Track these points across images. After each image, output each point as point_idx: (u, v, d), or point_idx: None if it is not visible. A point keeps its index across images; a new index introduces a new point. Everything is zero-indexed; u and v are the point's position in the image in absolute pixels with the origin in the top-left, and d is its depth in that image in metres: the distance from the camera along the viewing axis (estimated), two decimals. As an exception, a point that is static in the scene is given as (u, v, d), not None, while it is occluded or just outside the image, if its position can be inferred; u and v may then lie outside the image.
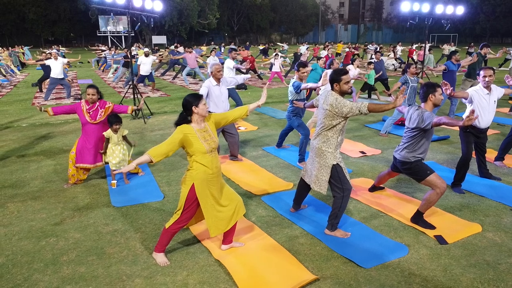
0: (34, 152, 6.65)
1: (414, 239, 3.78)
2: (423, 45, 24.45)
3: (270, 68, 18.97)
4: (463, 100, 4.87)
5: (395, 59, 21.05)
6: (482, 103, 4.73)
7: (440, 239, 3.74)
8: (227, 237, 3.56)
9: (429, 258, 3.46)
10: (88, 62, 26.14)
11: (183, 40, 59.86)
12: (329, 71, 6.59)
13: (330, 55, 15.75)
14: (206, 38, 64.14)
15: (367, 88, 11.36)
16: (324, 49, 23.03)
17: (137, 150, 6.50)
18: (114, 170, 4.82)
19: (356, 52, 21.68)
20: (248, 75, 6.43)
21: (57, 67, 11.62)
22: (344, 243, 3.68)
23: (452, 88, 6.84)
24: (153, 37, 55.20)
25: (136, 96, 9.23)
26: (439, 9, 11.33)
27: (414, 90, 7.43)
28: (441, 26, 11.61)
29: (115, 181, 5.11)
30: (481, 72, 4.70)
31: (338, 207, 3.74)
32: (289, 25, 73.15)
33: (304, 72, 5.72)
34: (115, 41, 49.25)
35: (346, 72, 3.61)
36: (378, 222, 4.14)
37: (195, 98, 3.20)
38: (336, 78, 3.60)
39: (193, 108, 3.19)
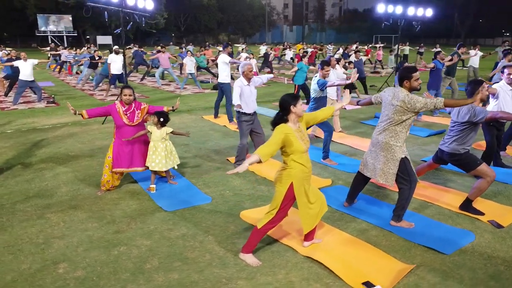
0: (40, 160, 6.22)
1: (471, 225, 4.06)
2: (377, 45, 25.70)
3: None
4: (490, 95, 5.27)
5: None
6: (506, 98, 5.16)
7: (494, 224, 4.05)
8: (310, 234, 3.60)
9: (496, 241, 3.74)
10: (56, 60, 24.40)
11: (129, 40, 57.99)
12: (354, 70, 6.76)
13: (301, 55, 16.04)
14: (152, 38, 62.61)
15: (349, 87, 11.78)
16: (286, 49, 23.48)
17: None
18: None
19: (320, 52, 22.31)
20: (272, 75, 6.47)
21: (26, 68, 10.86)
22: (413, 233, 3.87)
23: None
24: (97, 37, 53.00)
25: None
26: (411, 11, 12.01)
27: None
28: (386, 27, 12.28)
29: (154, 186, 4.95)
30: (506, 70, 5.13)
31: (405, 198, 3.93)
32: (237, 26, 73.40)
33: (328, 71, 5.88)
34: (55, 41, 46.59)
35: (416, 70, 3.80)
36: (431, 211, 4.38)
37: (293, 98, 3.23)
38: (407, 75, 3.77)
39: (291, 107, 3.21)
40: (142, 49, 18.39)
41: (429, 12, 12.17)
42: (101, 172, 5.59)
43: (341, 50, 21.25)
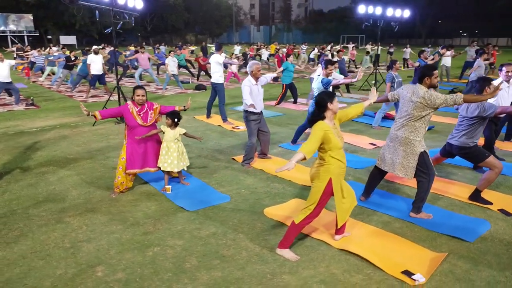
0: (39, 163, 6.01)
1: (483, 214, 4.31)
2: (349, 45, 26.29)
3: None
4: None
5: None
6: (503, 94, 5.48)
7: (504, 212, 4.31)
8: (342, 227, 3.71)
9: (511, 228, 3.99)
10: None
11: (94, 40, 56.38)
12: (360, 69, 6.92)
13: (281, 55, 16.25)
14: (118, 39, 61.12)
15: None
16: (260, 49, 23.64)
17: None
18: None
19: (295, 50, 22.60)
20: (275, 74, 6.54)
21: (3, 69, 10.40)
22: (434, 223, 4.06)
23: None
24: (61, 37, 51.34)
25: (120, 97, 8.71)
26: (389, 12, 12.42)
27: (400, 84, 8.18)
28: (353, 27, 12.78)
29: (169, 186, 4.92)
30: (504, 68, 5.45)
31: (424, 190, 4.11)
32: (204, 26, 72.93)
33: (331, 70, 6.02)
34: (16, 41, 44.65)
35: (436, 68, 3.98)
36: (443, 203, 4.60)
37: (329, 96, 3.33)
38: (428, 73, 3.95)
39: (328, 104, 3.30)
40: (117, 49, 17.96)
41: (406, 13, 12.64)
42: (107, 174, 5.53)
43: (316, 50, 21.61)
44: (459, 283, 3.11)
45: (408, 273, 3.19)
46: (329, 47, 22.98)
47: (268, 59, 21.13)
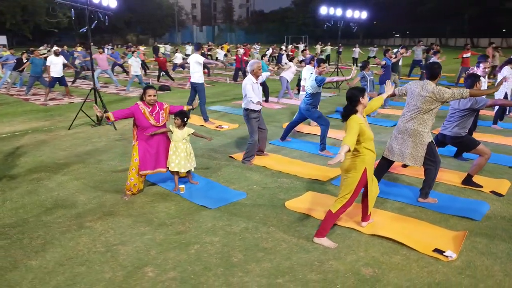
0: (28, 170, 5.69)
1: (479, 196, 4.79)
2: (299, 45, 27.01)
3: (173, 69, 18.76)
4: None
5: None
6: (483, 87, 6.07)
7: (496, 193, 4.82)
8: (369, 214, 3.97)
9: (508, 206, 4.48)
10: None
11: (26, 40, 52.91)
12: (354, 66, 7.25)
13: (240, 56, 16.38)
14: (53, 38, 57.78)
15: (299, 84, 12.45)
16: (212, 49, 23.64)
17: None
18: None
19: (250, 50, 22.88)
20: (269, 73, 6.68)
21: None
22: (442, 206, 4.46)
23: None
24: (-11, 37, 47.53)
25: (97, 100, 8.40)
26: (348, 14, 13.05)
27: (372, 82, 8.69)
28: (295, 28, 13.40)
29: (183, 186, 4.91)
30: (481, 65, 6.04)
31: (432, 177, 4.50)
32: (146, 26, 71.09)
33: (324, 67, 6.31)
34: None
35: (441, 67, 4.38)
36: (441, 188, 5.04)
37: (360, 91, 3.56)
38: (439, 72, 4.34)
39: (360, 99, 3.54)
40: (67, 50, 17.16)
41: (364, 15, 13.35)
42: (109, 177, 5.41)
43: (270, 50, 22.02)
44: (485, 256, 3.48)
45: (439, 251, 3.51)
46: (284, 47, 23.48)
47: (220, 58, 21.26)
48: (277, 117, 9.35)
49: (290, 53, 19.83)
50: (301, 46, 25.12)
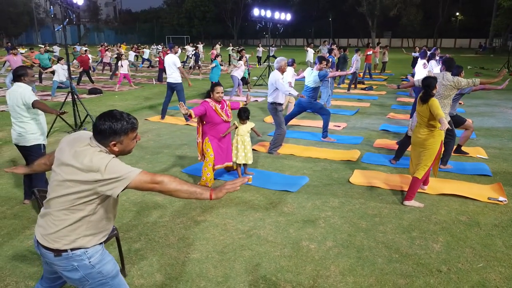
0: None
1: (472, 160, 6.17)
2: (217, 45, 27.18)
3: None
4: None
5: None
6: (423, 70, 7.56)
7: (481, 157, 6.27)
8: (428, 178, 4.92)
9: (497, 162, 5.91)
10: None
11: None
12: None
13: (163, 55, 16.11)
14: None
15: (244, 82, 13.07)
16: (115, 51, 22.56)
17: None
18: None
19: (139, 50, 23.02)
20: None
21: None
22: (460, 169, 5.67)
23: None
24: None
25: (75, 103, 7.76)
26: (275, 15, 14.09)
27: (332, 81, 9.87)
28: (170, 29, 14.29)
29: (250, 177, 5.18)
30: (437, 57, 7.52)
31: (451, 148, 5.68)
32: (-1, 25, 62.34)
33: (324, 65, 7.11)
34: None
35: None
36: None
37: (435, 79, 4.49)
38: (454, 64, 5.49)
39: (436, 85, 4.46)
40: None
41: (288, 17, 14.55)
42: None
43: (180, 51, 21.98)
44: (522, 196, 4.73)
45: (493, 198, 4.64)
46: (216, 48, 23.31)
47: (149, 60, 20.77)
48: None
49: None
50: (218, 47, 25.41)
